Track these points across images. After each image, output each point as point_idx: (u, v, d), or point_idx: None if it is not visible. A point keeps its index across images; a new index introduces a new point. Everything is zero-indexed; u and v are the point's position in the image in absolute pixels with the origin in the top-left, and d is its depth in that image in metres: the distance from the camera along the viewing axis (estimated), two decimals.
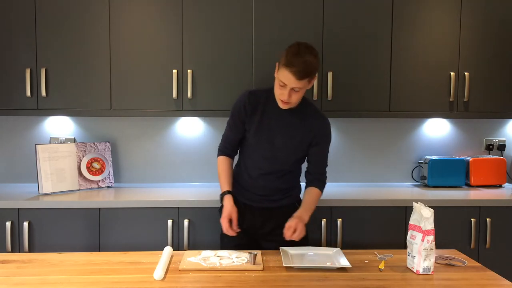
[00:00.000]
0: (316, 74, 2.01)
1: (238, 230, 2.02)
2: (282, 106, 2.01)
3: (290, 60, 1.88)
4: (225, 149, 2.20)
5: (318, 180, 2.18)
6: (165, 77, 2.71)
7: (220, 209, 2.20)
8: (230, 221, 2.01)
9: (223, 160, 2.18)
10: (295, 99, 1.98)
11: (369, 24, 2.76)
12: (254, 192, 2.15)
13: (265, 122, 2.07)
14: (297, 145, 2.10)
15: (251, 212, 2.14)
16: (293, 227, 1.94)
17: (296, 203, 2.23)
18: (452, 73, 2.80)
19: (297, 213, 2.02)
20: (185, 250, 2.45)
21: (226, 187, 2.11)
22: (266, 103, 2.08)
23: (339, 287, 1.58)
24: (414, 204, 1.77)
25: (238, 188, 2.16)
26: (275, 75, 1.99)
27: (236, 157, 2.25)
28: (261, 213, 2.15)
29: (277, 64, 1.98)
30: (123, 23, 2.70)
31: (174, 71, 2.71)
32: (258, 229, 2.15)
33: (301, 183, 2.28)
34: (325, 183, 2.21)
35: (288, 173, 2.17)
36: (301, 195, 2.23)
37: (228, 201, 2.06)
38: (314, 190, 2.14)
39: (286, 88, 1.93)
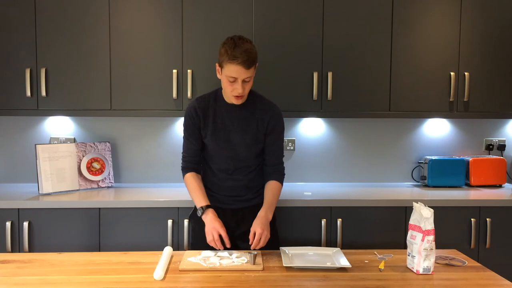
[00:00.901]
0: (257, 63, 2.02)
1: (228, 246, 1.96)
2: (236, 102, 2.03)
3: (233, 53, 1.90)
4: (190, 163, 2.15)
5: (276, 171, 2.16)
6: (165, 77, 2.72)
7: (191, 216, 2.20)
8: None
9: (190, 177, 2.13)
10: (247, 90, 2.01)
11: (369, 25, 2.76)
12: (224, 194, 2.15)
13: (219, 122, 2.09)
14: (254, 137, 2.10)
15: (224, 215, 2.11)
16: (258, 238, 1.91)
17: None
18: (452, 73, 2.80)
19: (261, 213, 2.01)
20: (185, 250, 2.45)
21: (204, 201, 2.05)
22: (215, 104, 2.10)
23: (339, 287, 1.58)
24: (414, 204, 1.77)
25: (208, 193, 2.13)
26: (219, 76, 2.01)
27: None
28: (233, 214, 2.15)
29: (217, 65, 2.00)
30: (123, 23, 2.70)
31: (174, 71, 2.71)
32: (234, 230, 2.13)
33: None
34: (284, 174, 2.19)
35: (254, 170, 2.16)
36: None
37: (212, 217, 1.99)
38: (274, 184, 2.12)
39: (238, 81, 1.95)
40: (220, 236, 1.94)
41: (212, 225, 1.96)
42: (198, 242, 2.12)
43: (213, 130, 2.09)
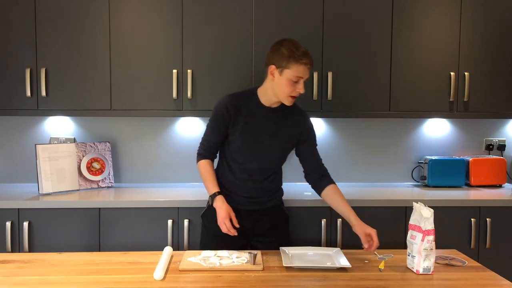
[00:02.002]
0: None
1: (237, 226, 2.03)
2: (290, 103, 2.05)
3: (300, 55, 1.95)
4: (207, 152, 2.18)
5: (325, 176, 2.19)
6: (165, 77, 2.72)
7: (203, 214, 2.20)
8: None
9: (205, 163, 2.16)
10: None
11: (369, 24, 2.76)
12: (240, 194, 2.15)
13: (251, 123, 2.08)
14: (283, 141, 2.12)
15: (239, 216, 2.11)
16: (374, 240, 1.91)
17: (281, 205, 2.26)
18: (452, 73, 2.80)
19: (357, 221, 2.00)
20: (185, 250, 2.45)
21: (215, 188, 2.11)
22: (248, 104, 2.09)
23: (339, 287, 1.58)
24: (414, 204, 1.77)
25: (224, 192, 2.14)
26: (273, 78, 2.01)
27: (215, 162, 2.25)
28: (248, 216, 2.15)
29: (272, 67, 2.00)
30: (123, 23, 2.70)
31: (174, 71, 2.71)
32: (248, 231, 2.15)
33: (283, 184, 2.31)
34: (329, 173, 2.22)
35: (274, 173, 2.18)
36: (284, 197, 2.30)
37: (222, 201, 2.06)
38: (335, 188, 2.14)
39: (301, 82, 1.99)
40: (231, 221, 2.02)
41: (223, 214, 2.00)
42: (210, 241, 2.15)
43: (243, 129, 2.07)
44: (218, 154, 2.23)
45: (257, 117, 2.08)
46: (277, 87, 2.01)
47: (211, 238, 2.15)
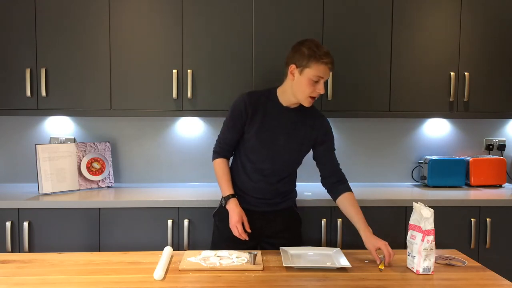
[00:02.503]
0: None
1: (249, 231, 2.03)
2: (309, 103, 2.02)
3: (321, 54, 1.94)
4: (222, 150, 2.16)
5: (342, 182, 2.15)
6: (165, 77, 2.72)
7: (215, 214, 2.20)
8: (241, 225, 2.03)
9: (221, 163, 2.15)
10: None
11: (369, 24, 2.76)
12: (252, 195, 2.14)
13: (267, 123, 2.06)
14: (300, 143, 2.10)
15: (250, 216, 2.11)
16: (385, 253, 1.82)
17: (293, 206, 2.25)
18: (452, 73, 2.80)
19: (367, 233, 1.94)
20: (185, 250, 2.45)
21: (229, 190, 2.10)
22: (266, 104, 2.08)
23: (339, 287, 1.58)
24: (414, 204, 1.77)
25: (237, 193, 2.14)
26: (293, 77, 1.99)
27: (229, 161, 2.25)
28: (260, 217, 2.14)
29: (293, 66, 1.99)
30: (123, 23, 2.70)
31: (174, 71, 2.71)
32: (260, 231, 2.14)
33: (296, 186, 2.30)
34: (347, 179, 2.19)
35: (288, 175, 2.17)
36: (297, 198, 2.30)
37: (236, 204, 2.05)
38: (351, 198, 2.09)
39: (321, 82, 1.97)
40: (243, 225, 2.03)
41: (235, 219, 2.01)
42: (221, 241, 2.15)
43: (259, 128, 2.06)
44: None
45: (274, 117, 2.07)
46: (297, 87, 2.00)
47: (222, 238, 2.15)
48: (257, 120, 2.06)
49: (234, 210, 2.03)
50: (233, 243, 2.04)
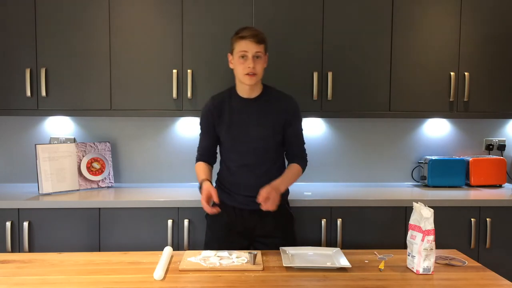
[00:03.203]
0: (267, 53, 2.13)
1: (218, 206, 2.03)
2: (249, 81, 2.05)
3: (242, 32, 2.04)
4: (201, 156, 2.25)
5: (298, 157, 2.20)
6: (165, 77, 2.72)
7: (207, 214, 2.21)
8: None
9: (198, 164, 2.23)
10: (259, 68, 2.05)
11: (369, 25, 2.76)
12: (242, 194, 2.15)
13: (235, 118, 2.11)
14: (272, 129, 2.11)
15: (242, 215, 2.15)
16: (265, 196, 1.94)
17: (285, 205, 2.25)
18: (452, 73, 2.80)
19: (273, 182, 2.02)
20: (185, 250, 2.45)
21: (203, 176, 2.13)
22: (230, 100, 2.15)
23: (339, 287, 1.58)
24: (414, 204, 1.77)
25: (226, 192, 2.17)
26: (231, 65, 2.10)
27: (218, 167, 2.28)
28: (251, 215, 2.15)
29: (229, 54, 2.11)
30: (123, 23, 2.70)
31: (174, 71, 2.71)
32: (252, 231, 2.16)
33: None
34: (306, 160, 2.23)
35: (275, 166, 2.16)
36: (289, 197, 2.30)
37: (207, 185, 2.05)
38: (294, 166, 2.17)
39: (248, 57, 2.02)
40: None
41: (205, 191, 2.01)
42: (213, 242, 2.16)
43: (228, 126, 2.11)
44: (219, 161, 2.26)
45: (241, 111, 2.12)
46: (235, 70, 2.09)
47: (215, 239, 2.16)
48: (225, 119, 2.12)
49: (203, 188, 2.04)
50: (225, 243, 2.07)
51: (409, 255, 1.76)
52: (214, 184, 2.19)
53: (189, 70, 2.70)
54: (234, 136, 2.12)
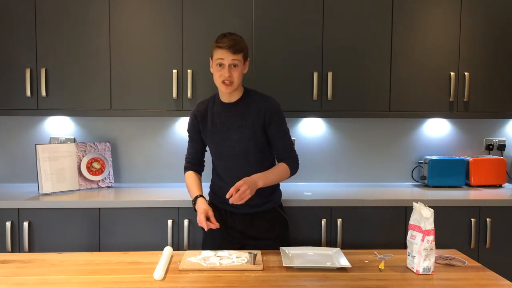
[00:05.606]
0: (248, 59, 2.11)
1: (218, 224, 2.01)
2: (225, 89, 2.05)
3: (220, 40, 2.02)
4: (190, 164, 2.27)
5: (285, 157, 2.15)
6: (165, 77, 2.72)
7: None
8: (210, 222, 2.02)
9: (189, 174, 2.25)
10: (236, 77, 2.04)
11: (369, 24, 2.76)
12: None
13: (217, 123, 2.13)
14: (251, 131, 2.09)
15: (233, 218, 2.16)
16: (236, 188, 1.92)
17: (277, 208, 2.23)
18: (452, 73, 2.80)
19: (250, 176, 1.99)
20: (185, 250, 2.45)
21: (196, 192, 2.14)
22: (213, 106, 2.16)
23: (339, 287, 1.58)
24: (414, 204, 1.77)
25: (218, 197, 2.18)
26: (212, 69, 2.09)
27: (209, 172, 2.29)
28: (242, 218, 2.15)
29: (210, 59, 2.11)
30: (123, 23, 2.70)
31: (174, 71, 2.71)
32: (242, 233, 2.16)
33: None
34: (296, 160, 2.17)
35: (260, 168, 2.10)
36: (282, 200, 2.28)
37: (203, 202, 2.07)
38: (280, 164, 2.14)
39: (225, 66, 2.02)
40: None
41: (198, 218, 2.02)
42: (208, 242, 2.16)
43: (212, 131, 2.14)
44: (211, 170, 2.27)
45: (222, 115, 2.13)
46: (214, 78, 2.08)
47: (211, 239, 2.16)
48: (208, 126, 2.15)
49: (200, 208, 2.04)
50: (220, 243, 2.09)
51: (409, 255, 1.76)
52: (207, 198, 2.21)
53: (189, 70, 2.71)
54: (217, 141, 2.14)
